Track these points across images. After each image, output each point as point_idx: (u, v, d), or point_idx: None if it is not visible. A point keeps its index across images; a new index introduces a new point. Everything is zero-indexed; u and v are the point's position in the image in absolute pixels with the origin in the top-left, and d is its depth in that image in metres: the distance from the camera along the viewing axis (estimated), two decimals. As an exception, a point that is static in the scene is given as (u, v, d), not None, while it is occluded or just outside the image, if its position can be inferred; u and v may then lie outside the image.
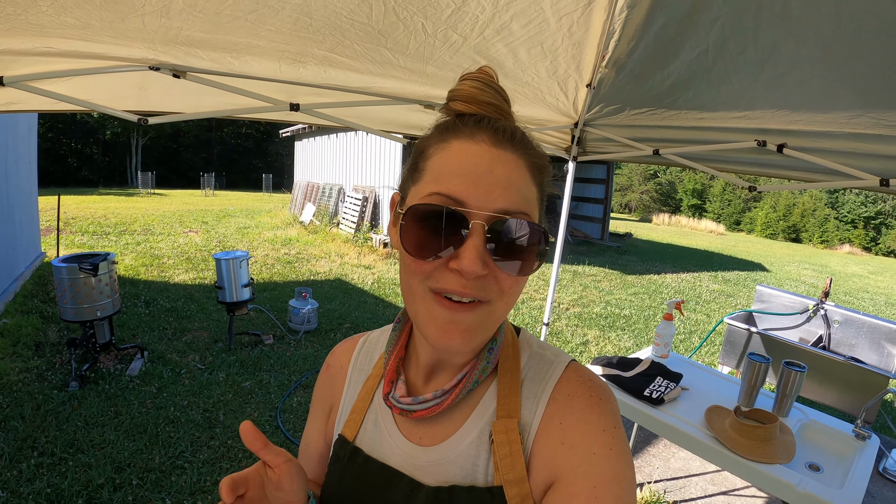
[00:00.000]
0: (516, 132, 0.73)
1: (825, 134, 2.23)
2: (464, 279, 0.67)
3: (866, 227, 42.42)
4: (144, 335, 6.22)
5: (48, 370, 5.04)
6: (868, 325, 4.61)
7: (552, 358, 0.84)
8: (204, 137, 47.63)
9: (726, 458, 2.36)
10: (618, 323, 8.65)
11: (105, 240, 11.95)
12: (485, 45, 2.06)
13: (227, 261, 5.80)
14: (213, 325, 6.76)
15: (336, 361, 1.03)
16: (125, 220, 15.26)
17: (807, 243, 42.38)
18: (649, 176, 53.92)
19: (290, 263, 10.82)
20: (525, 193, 0.71)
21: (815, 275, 18.57)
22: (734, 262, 19.12)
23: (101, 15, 1.61)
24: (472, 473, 0.78)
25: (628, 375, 2.88)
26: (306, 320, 6.72)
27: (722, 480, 4.04)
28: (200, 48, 1.96)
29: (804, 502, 2.12)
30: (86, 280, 4.87)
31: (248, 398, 4.88)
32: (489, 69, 0.79)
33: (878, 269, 24.68)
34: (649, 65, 2.25)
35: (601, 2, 1.92)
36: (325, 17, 1.79)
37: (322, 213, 16.10)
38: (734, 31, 1.82)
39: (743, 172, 2.84)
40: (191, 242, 12.42)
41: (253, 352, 5.94)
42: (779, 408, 2.74)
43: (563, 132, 3.21)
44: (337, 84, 2.34)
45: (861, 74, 1.78)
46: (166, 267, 9.75)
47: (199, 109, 2.50)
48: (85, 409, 4.38)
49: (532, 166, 0.73)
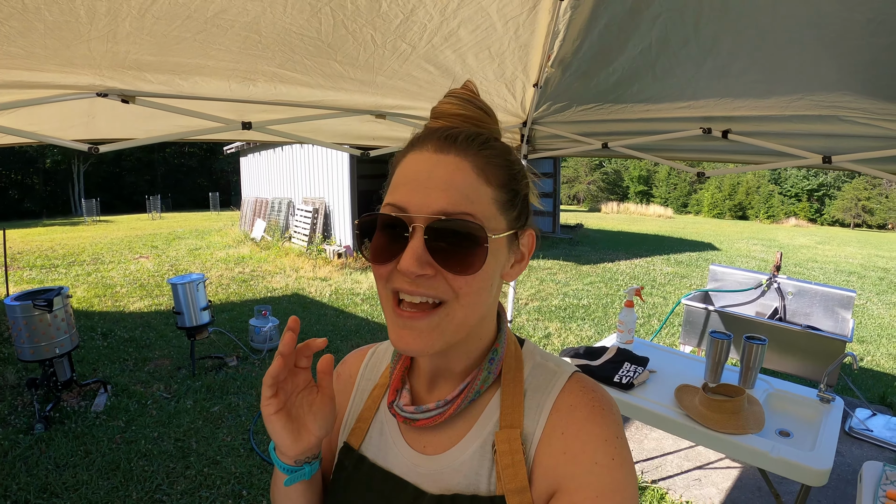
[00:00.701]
0: (459, 135, 0.74)
1: (767, 118, 2.34)
2: (409, 278, 0.70)
3: (810, 199, 43.99)
4: (105, 368, 6.05)
5: (10, 414, 4.85)
6: (821, 294, 4.79)
7: (555, 369, 0.85)
8: (146, 159, 46.63)
9: (700, 434, 2.46)
10: (577, 313, 8.77)
11: (54, 273, 11.62)
12: (434, 53, 2.09)
13: (183, 285, 5.68)
14: (174, 352, 6.62)
15: (346, 371, 1.04)
16: (73, 251, 14.86)
17: (753, 220, 43.74)
18: (595, 166, 54.81)
19: (246, 282, 10.69)
20: (468, 193, 0.71)
21: (765, 249, 19.15)
22: (685, 244, 19.60)
23: (46, 42, 1.60)
24: (475, 483, 0.78)
25: (597, 364, 2.95)
26: (268, 338, 6.63)
27: (696, 456, 4.18)
28: (149, 71, 1.95)
29: (779, 467, 2.23)
30: (41, 317, 4.69)
31: (219, 423, 4.80)
32: (471, 84, 0.82)
33: (824, 238, 25.58)
34: (594, 62, 2.31)
35: (545, 4, 1.97)
36: (275, 34, 1.81)
37: (273, 229, 15.92)
38: (676, 26, 1.90)
39: (690, 159, 2.93)
40: (143, 269, 12.14)
41: (218, 375, 5.84)
42: (744, 381, 2.85)
43: (513, 132, 3.25)
44: (288, 100, 2.35)
45: (797, 61, 1.89)
46: (120, 296, 9.50)
47: (150, 134, 2.47)
48: (53, 451, 4.25)
49: (481, 166, 0.73)
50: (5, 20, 1.44)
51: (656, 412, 2.60)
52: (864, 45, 1.70)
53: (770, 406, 2.74)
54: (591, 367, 2.94)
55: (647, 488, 3.78)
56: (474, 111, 0.79)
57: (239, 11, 1.65)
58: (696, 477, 3.92)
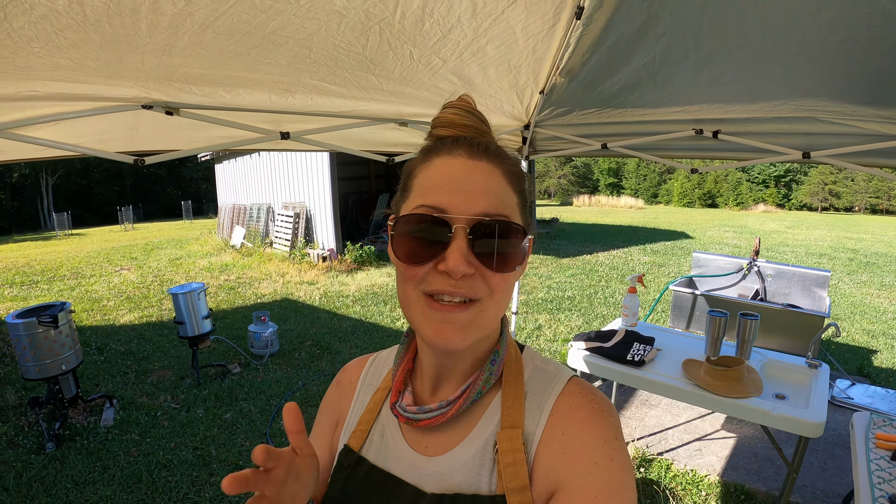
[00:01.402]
0: (490, 145, 0.80)
1: (754, 119, 2.62)
2: (452, 279, 0.72)
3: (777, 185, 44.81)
4: (107, 383, 5.99)
5: (17, 434, 4.76)
6: (798, 275, 5.11)
7: (555, 372, 0.87)
8: (115, 170, 45.67)
9: (709, 400, 2.76)
10: (564, 305, 9.00)
11: (36, 289, 11.37)
12: (461, 66, 2.25)
13: (185, 294, 5.68)
14: (174, 362, 6.60)
15: (346, 377, 1.07)
16: (51, 266, 14.54)
17: (723, 207, 44.43)
18: (565, 160, 55.12)
19: (234, 289, 10.67)
20: (503, 198, 0.76)
21: (737, 236, 19.61)
22: (659, 234, 20.00)
23: (99, 55, 1.60)
24: (476, 482, 0.80)
25: (609, 345, 3.19)
26: (269, 344, 6.67)
27: (694, 429, 4.47)
28: (195, 84, 1.98)
29: (781, 423, 2.55)
30: (45, 334, 4.58)
31: (234, 429, 4.84)
32: (468, 97, 0.86)
33: (793, 223, 26.21)
34: (600, 73, 2.53)
35: (563, 22, 2.16)
36: (324, 50, 1.89)
37: (253, 235, 15.79)
38: (678, 43, 2.15)
39: (683, 157, 3.19)
40: (126, 281, 11.99)
41: (223, 383, 5.86)
42: (741, 353, 3.12)
43: (515, 134, 3.43)
44: (322, 110, 2.43)
45: (782, 72, 2.18)
46: (108, 309, 9.39)
47: (192, 145, 2.50)
48: (69, 469, 4.20)
49: (508, 174, 0.79)
50: (61, 31, 1.43)
51: (668, 384, 2.89)
52: (840, 60, 1.98)
53: (765, 374, 3.04)
54: (603, 349, 3.18)
55: (654, 460, 4.05)
56: (477, 122, 0.83)
57: (297, 28, 1.72)
58: (696, 448, 4.21)
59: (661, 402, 4.95)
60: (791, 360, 3.18)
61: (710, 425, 4.55)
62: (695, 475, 3.87)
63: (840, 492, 3.59)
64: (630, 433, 4.45)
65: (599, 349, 3.19)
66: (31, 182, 40.56)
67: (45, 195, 40.24)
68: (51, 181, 40.48)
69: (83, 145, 2.16)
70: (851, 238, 19.94)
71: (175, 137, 2.46)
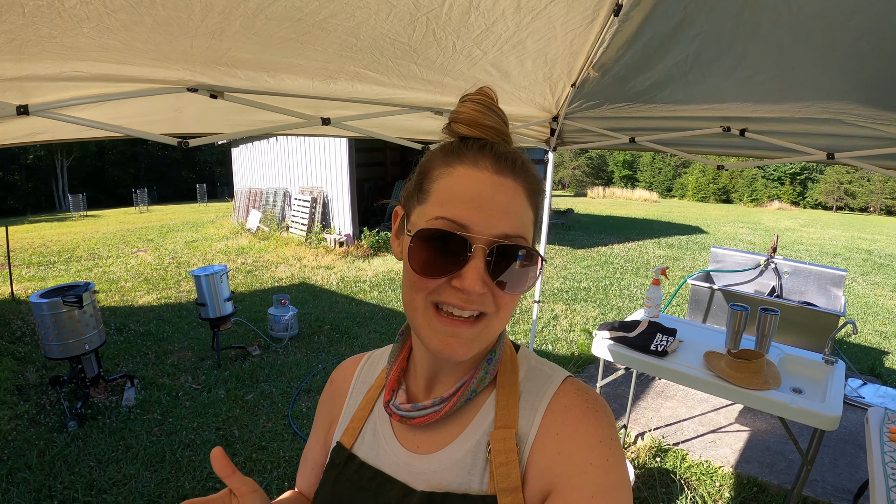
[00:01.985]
0: (517, 159, 0.78)
1: (780, 119, 2.65)
2: (465, 296, 0.73)
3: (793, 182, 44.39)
4: (127, 363, 6.07)
5: (39, 413, 4.85)
6: (814, 273, 5.14)
7: (550, 372, 0.87)
8: (129, 152, 46.04)
9: (729, 391, 2.82)
10: (579, 295, 9.06)
11: (53, 269, 11.46)
12: (500, 58, 2.29)
13: (207, 277, 5.73)
14: (194, 344, 6.67)
15: (340, 376, 1.07)
16: (67, 247, 14.65)
17: (738, 203, 44.09)
18: (580, 152, 54.95)
19: (251, 272, 10.74)
20: (522, 218, 0.76)
21: (751, 232, 19.55)
22: (673, 228, 19.95)
23: (149, 37, 1.59)
24: (467, 481, 0.79)
25: (633, 335, 3.26)
26: (288, 327, 6.74)
27: (708, 421, 4.55)
28: (241, 68, 1.99)
29: (799, 416, 2.61)
30: (69, 314, 4.65)
31: (256, 410, 4.92)
32: (489, 90, 0.83)
33: (808, 221, 26.04)
34: (633, 69, 2.57)
35: (601, 18, 2.21)
36: (371, 38, 1.92)
37: (269, 219, 15.88)
38: (712, 43, 2.19)
39: (709, 153, 3.23)
40: (143, 262, 12.08)
41: (244, 365, 5.92)
42: (760, 346, 3.17)
43: (543, 125, 3.48)
44: (361, 97, 2.45)
45: (811, 75, 2.23)
46: (126, 290, 9.47)
47: (235, 128, 2.56)
48: (92, 448, 4.27)
49: (529, 192, 0.78)
50: (113, 13, 1.42)
51: (690, 374, 2.95)
52: (867, 66, 2.03)
53: (783, 368, 3.10)
54: (627, 338, 3.24)
55: (670, 450, 4.12)
56: (498, 122, 0.80)
57: (347, 17, 1.74)
58: (711, 440, 4.28)
59: (677, 393, 5.02)
60: (808, 356, 3.23)
61: (725, 418, 4.62)
62: (709, 466, 3.95)
63: (850, 488, 3.66)
64: (646, 423, 4.52)
65: (623, 339, 3.25)
66: (46, 163, 40.76)
67: (60, 176, 40.41)
68: (66, 163, 40.63)
69: (127, 126, 2.15)
70: (866, 238, 19.82)
71: (218, 120, 2.49)
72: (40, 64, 1.61)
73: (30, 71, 1.63)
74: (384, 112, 2.69)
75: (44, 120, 1.89)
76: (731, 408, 4.77)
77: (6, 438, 4.44)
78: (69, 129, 2.06)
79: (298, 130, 2.64)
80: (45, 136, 2.18)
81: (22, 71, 1.61)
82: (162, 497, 3.69)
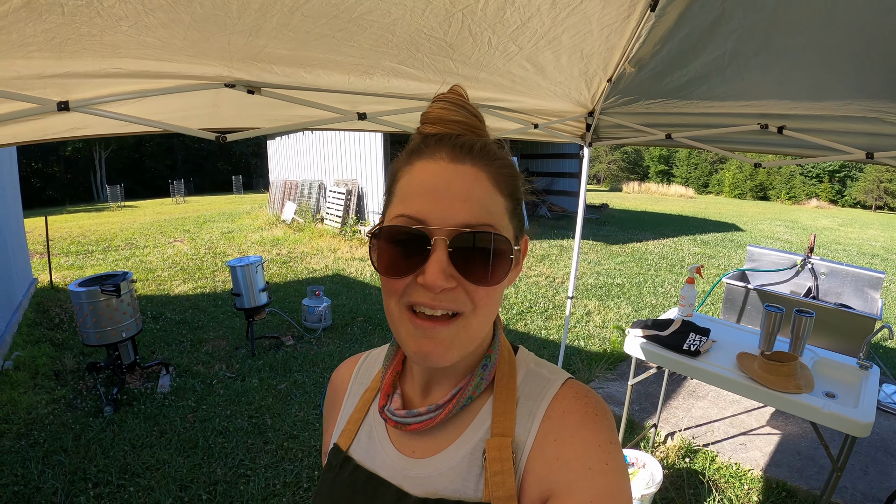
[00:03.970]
0: (475, 145, 0.74)
1: (819, 117, 2.59)
2: (432, 293, 0.70)
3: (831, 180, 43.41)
4: (163, 350, 6.23)
5: (76, 398, 4.98)
6: (851, 275, 5.02)
7: (549, 375, 0.84)
8: (166, 145, 46.72)
9: (761, 393, 2.78)
10: (613, 292, 9.00)
11: (91, 258, 11.71)
12: (535, 54, 2.29)
13: (243, 267, 5.83)
14: (228, 333, 6.79)
15: (339, 377, 1.06)
16: (105, 237, 14.96)
17: (775, 200, 43.34)
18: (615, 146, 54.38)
19: (286, 263, 10.85)
20: (487, 205, 0.72)
21: (788, 231, 19.21)
22: (709, 225, 19.69)
23: (187, 34, 1.61)
24: (462, 488, 0.78)
25: (666, 334, 3.23)
26: (322, 318, 6.81)
27: (739, 423, 4.50)
28: (277, 64, 2.00)
29: (831, 421, 2.56)
30: (107, 302, 4.77)
31: (289, 399, 4.98)
32: (459, 88, 0.80)
33: (846, 221, 25.48)
34: (670, 65, 2.55)
35: (637, 13, 2.20)
36: (407, 34, 1.93)
37: (304, 211, 16.04)
38: (749, 39, 2.17)
39: (746, 151, 3.17)
40: (180, 252, 12.29)
41: (277, 354, 6.01)
42: (794, 349, 3.11)
43: (579, 121, 3.46)
44: (397, 92, 2.47)
45: (853, 72, 2.17)
46: (162, 280, 9.66)
47: (272, 123, 2.56)
48: (127, 433, 4.36)
49: (495, 176, 0.74)
50: (151, 11, 1.44)
51: (722, 375, 2.91)
52: None
53: (816, 371, 3.03)
54: (661, 337, 3.22)
55: (699, 451, 4.09)
56: (469, 117, 0.77)
57: (383, 13, 1.75)
58: (741, 442, 4.23)
59: (708, 394, 4.97)
60: (842, 360, 3.17)
61: (756, 420, 4.56)
62: (738, 469, 3.90)
63: (880, 496, 3.58)
64: (677, 423, 4.48)
65: (656, 337, 3.23)
66: (84, 155, 41.64)
67: (99, 168, 41.22)
68: (104, 154, 41.42)
69: (165, 121, 2.16)
70: (906, 239, 19.36)
71: (255, 115, 2.50)
72: (80, 61, 1.63)
73: (70, 68, 1.65)
74: (420, 107, 2.66)
75: (84, 115, 1.91)
76: (762, 410, 4.71)
77: (43, 422, 4.56)
78: (109, 124, 2.06)
79: (334, 125, 2.63)
80: (86, 132, 2.20)
81: (62, 68, 1.64)
82: (194, 482, 3.76)
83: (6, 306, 6.86)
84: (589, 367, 5.74)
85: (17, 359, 5.82)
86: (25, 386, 5.23)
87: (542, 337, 6.76)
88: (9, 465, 3.95)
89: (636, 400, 4.86)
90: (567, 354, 5.97)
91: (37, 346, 6.27)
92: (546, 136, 3.44)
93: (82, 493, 3.62)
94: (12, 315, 7.00)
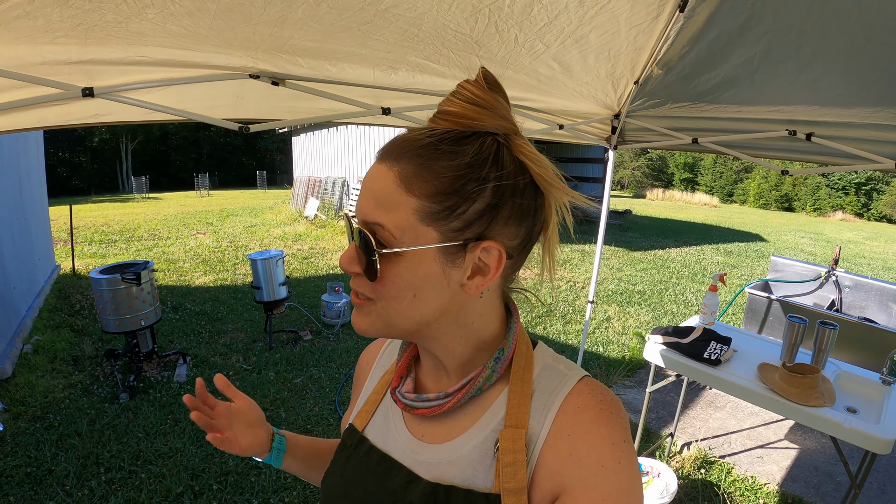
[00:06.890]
0: (397, 143, 0.74)
1: (849, 124, 2.52)
2: None
3: (857, 193, 42.64)
4: (181, 340, 6.28)
5: (93, 384, 5.04)
6: (876, 289, 4.94)
7: (565, 371, 0.84)
8: (192, 138, 47.34)
9: (781, 405, 2.73)
10: (634, 298, 8.91)
11: (114, 248, 11.84)
12: (562, 53, 2.26)
13: (263, 261, 5.87)
14: (247, 326, 6.82)
15: (365, 358, 1.09)
16: (128, 227, 15.11)
17: (800, 212, 42.68)
18: (640, 152, 54.10)
19: (307, 259, 10.90)
20: (382, 202, 0.71)
21: (812, 243, 18.92)
22: (732, 234, 19.44)
23: (212, 24, 1.61)
24: (472, 477, 0.78)
25: (686, 342, 3.18)
26: (341, 314, 6.82)
27: (757, 436, 4.42)
28: (302, 56, 2.00)
29: (851, 436, 2.51)
30: (127, 290, 4.83)
31: (304, 394, 4.99)
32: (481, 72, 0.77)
33: (871, 234, 25.02)
34: (698, 67, 2.50)
35: (665, 14, 2.16)
36: (433, 29, 1.92)
37: (327, 207, 16.10)
38: (779, 43, 2.11)
39: (773, 157, 3.10)
40: (202, 244, 12.41)
41: (295, 349, 6.03)
42: (816, 361, 3.04)
43: (604, 123, 3.42)
44: (421, 88, 2.45)
45: (882, 80, 2.11)
46: (184, 271, 9.76)
47: (295, 115, 2.57)
48: (142, 420, 4.41)
49: (404, 175, 0.70)
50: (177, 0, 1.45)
51: (742, 385, 2.86)
52: None
53: (838, 385, 2.96)
54: (680, 345, 3.17)
55: (715, 463, 4.03)
56: (463, 107, 0.73)
57: (409, 7, 1.74)
58: (758, 455, 4.17)
59: (727, 404, 4.90)
60: (865, 374, 3.10)
61: (774, 433, 4.49)
62: (754, 482, 3.84)
63: (898, 516, 3.52)
64: (693, 433, 4.43)
65: (676, 344, 3.19)
66: (110, 146, 42.27)
67: (125, 159, 41.89)
68: (130, 146, 42.04)
69: (189, 110, 2.16)
70: (932, 255, 18.97)
71: (279, 107, 2.50)
72: (106, 48, 1.63)
73: (95, 55, 1.66)
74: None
75: (108, 102, 1.91)
76: (781, 423, 4.64)
77: (59, 406, 4.63)
78: (132, 111, 2.05)
79: (358, 119, 2.64)
80: (109, 118, 2.20)
81: (87, 55, 1.65)
82: (205, 471, 3.78)
83: (28, 291, 6.96)
84: (607, 373, 5.70)
85: (37, 343, 5.90)
86: (43, 370, 5.30)
87: (561, 341, 6.72)
88: (23, 446, 4.00)
89: (653, 408, 4.81)
90: (585, 360, 5.93)
91: (56, 332, 6.35)
92: (571, 137, 3.40)
93: (94, 478, 3.66)
94: (34, 300, 7.09)
